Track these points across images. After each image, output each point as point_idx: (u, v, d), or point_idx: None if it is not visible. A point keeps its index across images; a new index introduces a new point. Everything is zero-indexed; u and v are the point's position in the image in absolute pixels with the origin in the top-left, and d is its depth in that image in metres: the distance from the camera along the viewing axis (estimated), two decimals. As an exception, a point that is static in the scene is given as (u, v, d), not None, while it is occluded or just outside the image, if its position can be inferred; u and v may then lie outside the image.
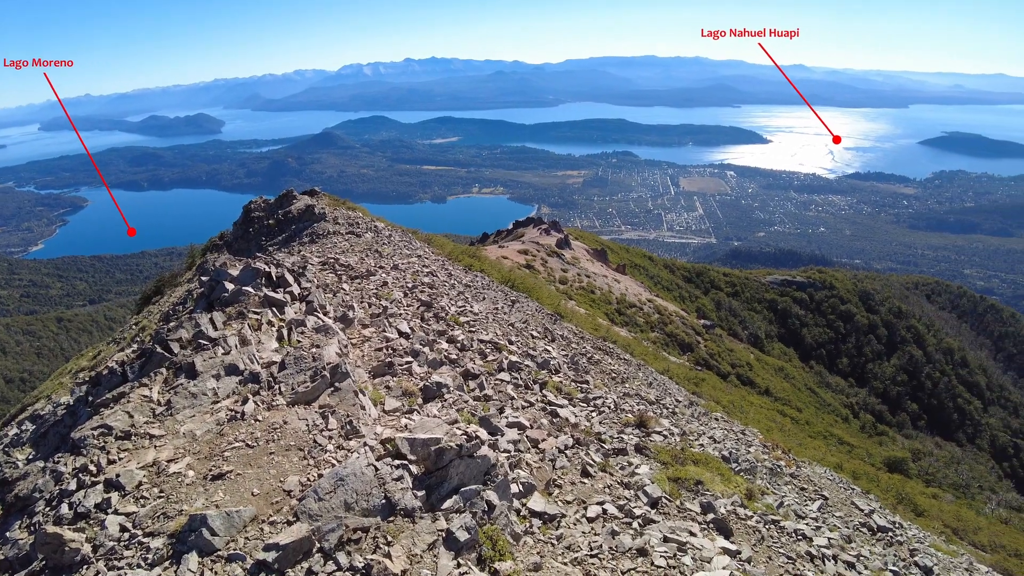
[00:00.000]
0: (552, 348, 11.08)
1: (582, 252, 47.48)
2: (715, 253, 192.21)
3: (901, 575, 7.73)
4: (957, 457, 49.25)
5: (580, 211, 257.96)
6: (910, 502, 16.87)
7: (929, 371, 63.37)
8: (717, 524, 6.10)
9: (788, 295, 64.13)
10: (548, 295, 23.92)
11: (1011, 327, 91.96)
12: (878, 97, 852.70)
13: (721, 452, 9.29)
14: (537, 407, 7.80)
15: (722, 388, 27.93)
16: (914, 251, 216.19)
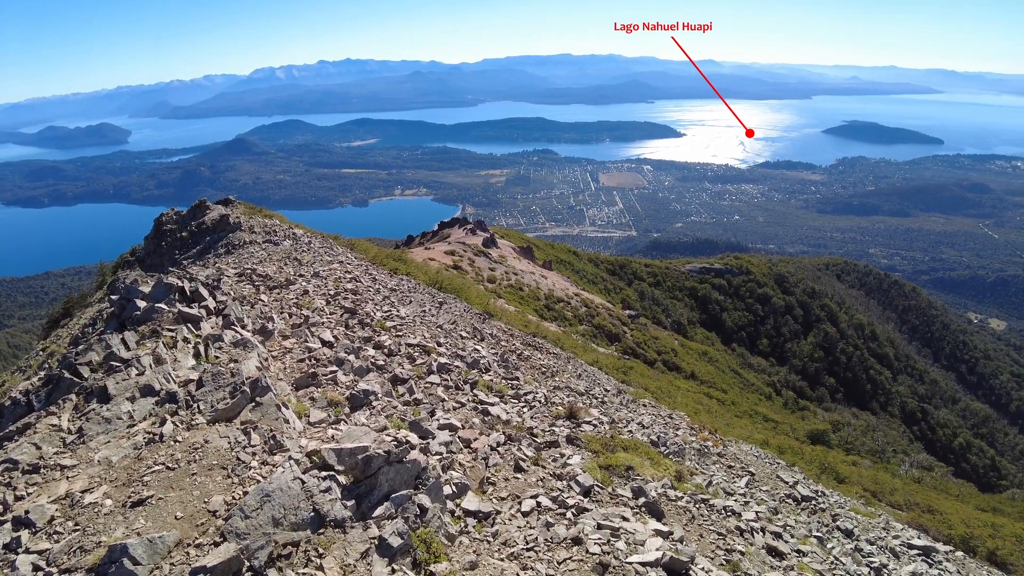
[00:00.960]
0: (482, 347, 11.12)
1: (509, 250, 47.73)
2: (636, 245, 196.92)
3: (825, 540, 8.16)
4: (872, 425, 52.31)
5: (504, 210, 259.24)
6: (832, 471, 17.75)
7: (843, 346, 66.94)
8: (649, 507, 6.28)
9: (707, 282, 66.40)
10: (477, 295, 23.93)
11: (913, 301, 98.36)
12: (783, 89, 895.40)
13: (650, 437, 9.55)
14: (469, 407, 7.82)
15: (650, 375, 28.65)
16: (823, 234, 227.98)
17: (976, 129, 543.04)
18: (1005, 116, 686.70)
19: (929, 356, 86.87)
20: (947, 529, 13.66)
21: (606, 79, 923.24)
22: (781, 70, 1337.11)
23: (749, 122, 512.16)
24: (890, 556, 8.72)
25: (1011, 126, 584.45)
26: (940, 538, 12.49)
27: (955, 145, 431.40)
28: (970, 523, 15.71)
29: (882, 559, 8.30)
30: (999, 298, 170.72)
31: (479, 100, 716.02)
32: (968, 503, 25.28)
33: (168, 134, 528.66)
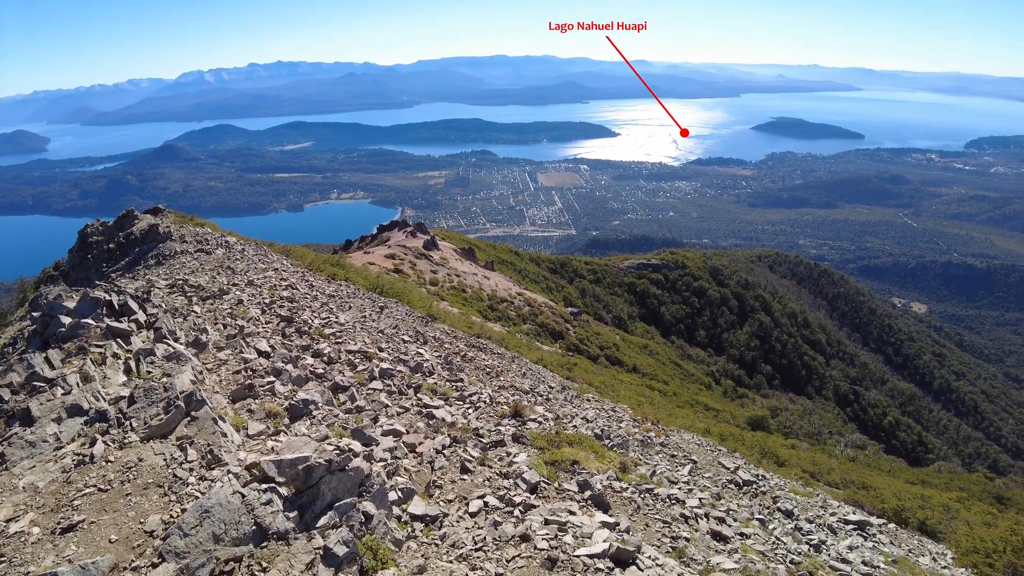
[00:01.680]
0: (425, 351, 11.07)
1: (450, 252, 47.57)
2: (576, 244, 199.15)
3: (767, 521, 8.43)
4: (808, 409, 54.31)
5: (445, 211, 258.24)
6: (772, 455, 18.26)
7: (777, 335, 69.26)
8: (595, 500, 6.39)
9: (645, 277, 67.71)
10: (419, 298, 23.76)
11: (842, 288, 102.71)
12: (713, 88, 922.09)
13: (594, 431, 9.70)
14: (413, 412, 7.77)
15: (593, 370, 29.04)
16: (755, 227, 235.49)
17: (894, 124, 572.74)
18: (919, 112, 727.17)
19: (858, 340, 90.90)
20: (880, 503, 14.27)
21: (541, 80, 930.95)
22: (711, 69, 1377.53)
23: (682, 121, 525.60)
24: (828, 533, 9.08)
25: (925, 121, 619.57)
26: (874, 512, 13.05)
27: (875, 139, 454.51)
28: (901, 496, 16.46)
29: (821, 536, 8.63)
30: (919, 283, 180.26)
31: (415, 101, 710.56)
32: (899, 478, 26.54)
33: (91, 141, 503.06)
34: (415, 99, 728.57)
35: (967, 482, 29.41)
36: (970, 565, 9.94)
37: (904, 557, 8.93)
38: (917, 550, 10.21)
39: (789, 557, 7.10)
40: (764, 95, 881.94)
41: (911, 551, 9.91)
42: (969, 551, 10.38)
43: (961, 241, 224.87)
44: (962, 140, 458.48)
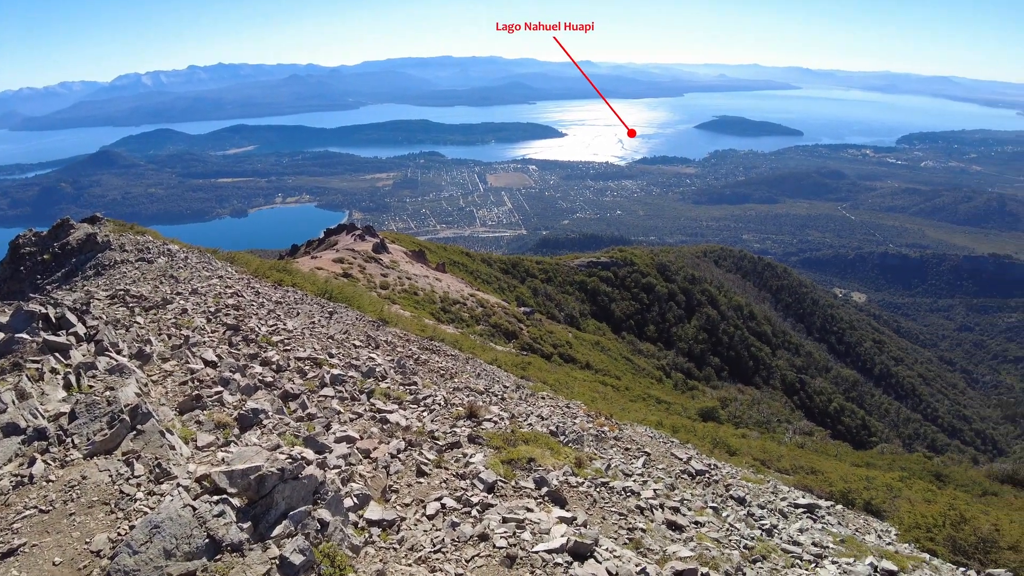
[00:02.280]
0: (377, 355, 10.97)
1: (400, 255, 47.18)
2: (527, 244, 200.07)
3: (720, 509, 8.62)
4: (757, 399, 55.71)
5: (394, 213, 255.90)
6: (724, 444, 18.66)
7: (724, 327, 70.88)
8: (552, 496, 6.46)
9: (595, 275, 68.48)
10: (370, 302, 23.50)
11: (785, 280, 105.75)
12: (657, 88, 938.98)
13: (549, 428, 9.78)
14: (366, 417, 7.70)
15: (547, 368, 29.22)
16: (700, 223, 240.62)
17: (831, 121, 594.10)
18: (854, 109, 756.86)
19: (803, 330, 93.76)
20: (828, 487, 14.71)
21: (488, 81, 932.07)
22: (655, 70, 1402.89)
23: (627, 120, 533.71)
24: (779, 517, 9.34)
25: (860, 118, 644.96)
26: (823, 495, 13.47)
27: (813, 136, 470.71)
28: (847, 479, 17.01)
29: (772, 520, 8.86)
30: (859, 273, 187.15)
31: (361, 103, 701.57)
32: (845, 461, 27.45)
33: (20, 147, 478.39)
34: (361, 100, 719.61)
35: (908, 462, 30.65)
36: (912, 540, 10.36)
37: (851, 536, 9.26)
38: (863, 529, 10.57)
39: (743, 542, 7.28)
40: (706, 94, 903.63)
41: (858, 530, 10.26)
42: (911, 527, 10.82)
43: (896, 232, 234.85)
44: (894, 136, 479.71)
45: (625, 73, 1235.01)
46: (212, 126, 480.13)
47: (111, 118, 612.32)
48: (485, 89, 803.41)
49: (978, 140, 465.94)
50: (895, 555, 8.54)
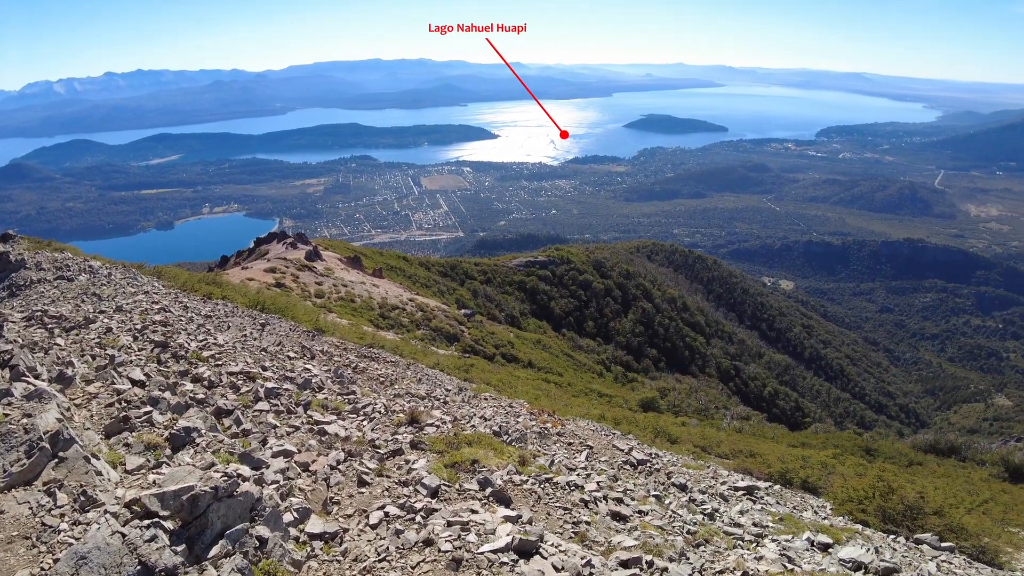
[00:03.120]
0: (313, 366, 10.74)
1: (335, 262, 46.34)
2: (464, 245, 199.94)
3: (662, 497, 8.76)
4: (695, 387, 57.13)
5: (326, 220, 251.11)
6: (665, 433, 18.94)
7: (660, 319, 72.48)
8: (496, 496, 6.46)
9: (534, 274, 68.98)
10: (305, 311, 22.99)
11: (716, 272, 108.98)
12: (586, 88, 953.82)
13: (492, 428, 9.79)
14: (304, 429, 7.53)
15: (490, 369, 29.21)
16: (632, 220, 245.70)
17: (754, 117, 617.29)
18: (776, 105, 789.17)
19: (735, 319, 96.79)
20: (767, 468, 15.10)
21: (418, 83, 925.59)
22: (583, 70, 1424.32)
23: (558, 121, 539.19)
24: (720, 501, 9.56)
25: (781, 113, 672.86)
26: (761, 477, 13.85)
27: (738, 132, 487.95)
28: (785, 459, 17.51)
29: (713, 504, 9.06)
30: (785, 262, 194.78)
31: (288, 108, 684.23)
32: (782, 442, 28.40)
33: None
34: (288, 105, 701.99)
35: (840, 439, 31.97)
36: (846, 513, 10.76)
37: (789, 514, 9.54)
38: (800, 506, 10.91)
39: (685, 528, 7.39)
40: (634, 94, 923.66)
41: (795, 508, 10.58)
42: (844, 501, 11.23)
43: (819, 221, 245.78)
44: (813, 130, 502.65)
45: (554, 74, 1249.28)
46: (133, 135, 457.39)
47: (21, 129, 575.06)
48: (416, 91, 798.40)
49: (889, 132, 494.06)
50: (830, 528, 8.83)
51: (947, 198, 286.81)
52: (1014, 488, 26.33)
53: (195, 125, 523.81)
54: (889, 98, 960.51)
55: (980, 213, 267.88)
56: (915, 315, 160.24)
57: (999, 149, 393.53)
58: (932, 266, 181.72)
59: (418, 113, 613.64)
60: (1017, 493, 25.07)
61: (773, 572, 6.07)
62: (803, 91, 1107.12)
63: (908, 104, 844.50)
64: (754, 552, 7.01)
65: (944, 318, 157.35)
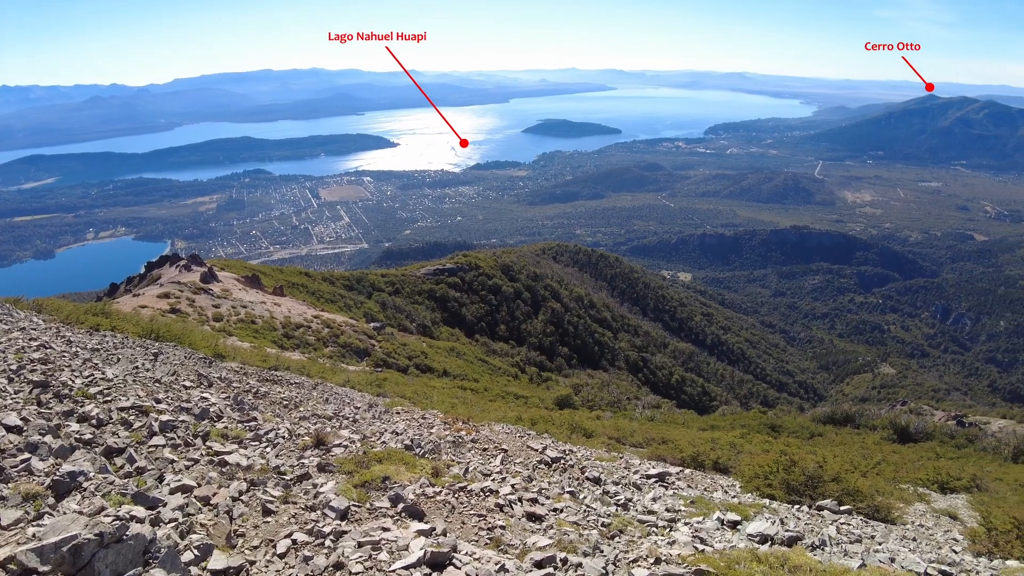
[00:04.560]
0: (211, 394, 10.25)
1: (233, 282, 44.47)
2: (370, 257, 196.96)
3: (577, 492, 8.89)
4: (606, 381, 58.66)
5: (221, 239, 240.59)
6: (580, 429, 19.22)
7: (569, 318, 73.98)
8: (409, 511, 6.39)
9: (443, 282, 68.76)
10: (203, 337, 21.93)
11: (618, 269, 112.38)
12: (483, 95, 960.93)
13: (404, 442, 9.67)
14: (203, 462, 7.18)
15: (404, 382, 28.83)
16: (536, 223, 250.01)
17: (645, 118, 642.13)
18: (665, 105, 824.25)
19: (639, 312, 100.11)
20: (679, 453, 15.54)
21: (312, 93, 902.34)
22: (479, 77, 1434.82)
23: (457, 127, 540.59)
24: (633, 490, 9.80)
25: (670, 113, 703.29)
26: (674, 462, 14.26)
27: (631, 133, 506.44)
28: (695, 443, 18.12)
29: (627, 494, 9.27)
30: (682, 255, 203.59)
31: (175, 124, 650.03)
32: (692, 427, 29.53)
33: None
34: (175, 121, 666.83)
35: (746, 419, 33.62)
36: (754, 489, 11.23)
37: (700, 496, 9.87)
38: (711, 488, 11.28)
39: (600, 521, 7.49)
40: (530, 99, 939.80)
41: (706, 489, 10.96)
42: (752, 478, 11.70)
43: (711, 215, 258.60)
44: (701, 128, 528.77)
45: (450, 81, 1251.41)
46: (2, 158, 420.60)
47: None
48: (310, 102, 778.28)
49: (771, 127, 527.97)
50: (738, 506, 9.16)
51: (826, 187, 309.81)
52: (903, 448, 28.60)
53: (72, 145, 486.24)
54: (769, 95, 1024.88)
55: (856, 199, 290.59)
56: (805, 297, 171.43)
57: (868, 140, 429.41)
58: (817, 250, 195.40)
59: (313, 124, 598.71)
60: (905, 452, 27.23)
61: (685, 555, 6.24)
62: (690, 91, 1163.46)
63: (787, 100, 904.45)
64: (667, 537, 7.20)
65: (831, 297, 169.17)
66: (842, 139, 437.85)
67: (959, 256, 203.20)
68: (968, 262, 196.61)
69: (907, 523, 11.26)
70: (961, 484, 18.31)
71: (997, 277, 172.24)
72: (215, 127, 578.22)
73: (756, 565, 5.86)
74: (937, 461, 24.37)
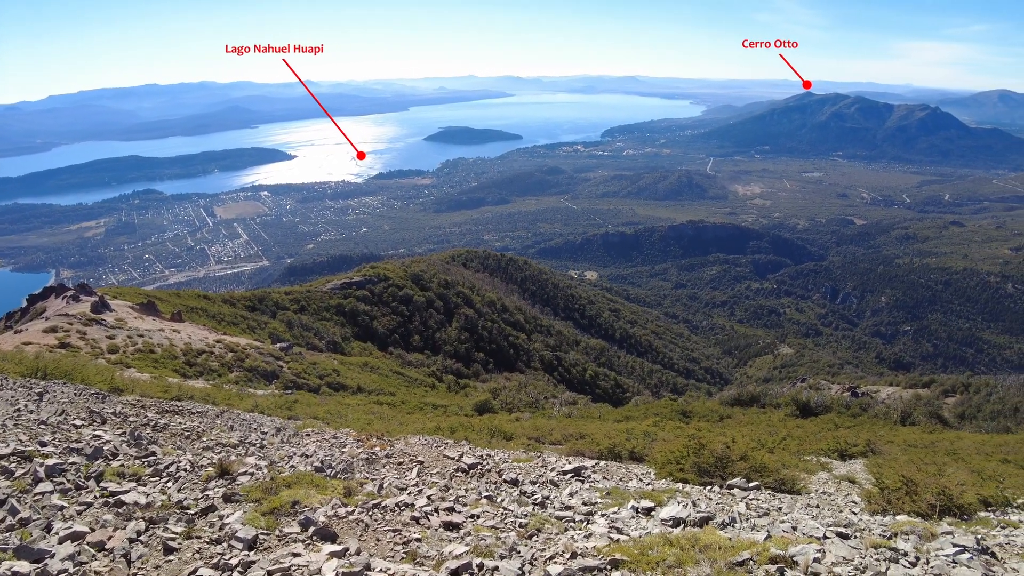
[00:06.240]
0: (105, 431, 9.65)
1: (127, 311, 41.94)
2: (272, 275, 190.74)
3: (494, 496, 8.93)
4: (523, 382, 59.24)
5: (112, 265, 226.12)
6: (500, 432, 19.21)
7: (483, 323, 74.28)
8: (320, 534, 6.27)
9: (351, 296, 67.39)
10: (97, 371, 20.51)
11: (527, 271, 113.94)
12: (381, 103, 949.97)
13: (314, 464, 9.45)
14: (98, 504, 6.78)
15: (317, 402, 28.07)
16: (444, 230, 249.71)
17: (544, 123, 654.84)
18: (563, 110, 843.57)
19: (550, 313, 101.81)
20: (596, 446, 15.88)
21: (202, 108, 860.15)
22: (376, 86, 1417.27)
23: (356, 137, 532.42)
24: (551, 487, 9.91)
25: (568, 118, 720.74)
26: (592, 456, 14.54)
27: (532, 138, 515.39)
28: (611, 435, 18.52)
29: (544, 493, 9.37)
30: (587, 254, 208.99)
31: (53, 143, 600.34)
32: (608, 420, 30.21)
33: None
34: (52, 140, 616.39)
35: (659, 407, 34.76)
36: (668, 475, 11.57)
37: (616, 487, 10.08)
38: (626, 477, 11.50)
39: (518, 522, 7.51)
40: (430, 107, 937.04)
41: (621, 480, 11.18)
42: (664, 464, 12.04)
43: (612, 214, 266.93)
44: (598, 131, 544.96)
45: (347, 91, 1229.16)
46: None
47: None
48: (200, 116, 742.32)
49: (664, 128, 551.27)
50: (652, 493, 9.42)
51: (718, 182, 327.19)
52: (805, 422, 30.47)
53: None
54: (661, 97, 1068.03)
55: (746, 192, 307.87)
56: (705, 287, 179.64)
57: (754, 136, 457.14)
58: (713, 242, 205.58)
59: (205, 139, 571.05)
60: (808, 426, 29.01)
61: (600, 547, 6.38)
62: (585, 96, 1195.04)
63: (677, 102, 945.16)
64: (584, 531, 7.32)
65: (729, 286, 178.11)
66: (730, 136, 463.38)
67: (842, 240, 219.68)
68: (851, 245, 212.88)
69: (811, 492, 11.95)
70: (858, 450, 19.66)
71: (876, 257, 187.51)
72: (98, 146, 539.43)
73: (668, 549, 6.08)
74: (836, 431, 26.18)
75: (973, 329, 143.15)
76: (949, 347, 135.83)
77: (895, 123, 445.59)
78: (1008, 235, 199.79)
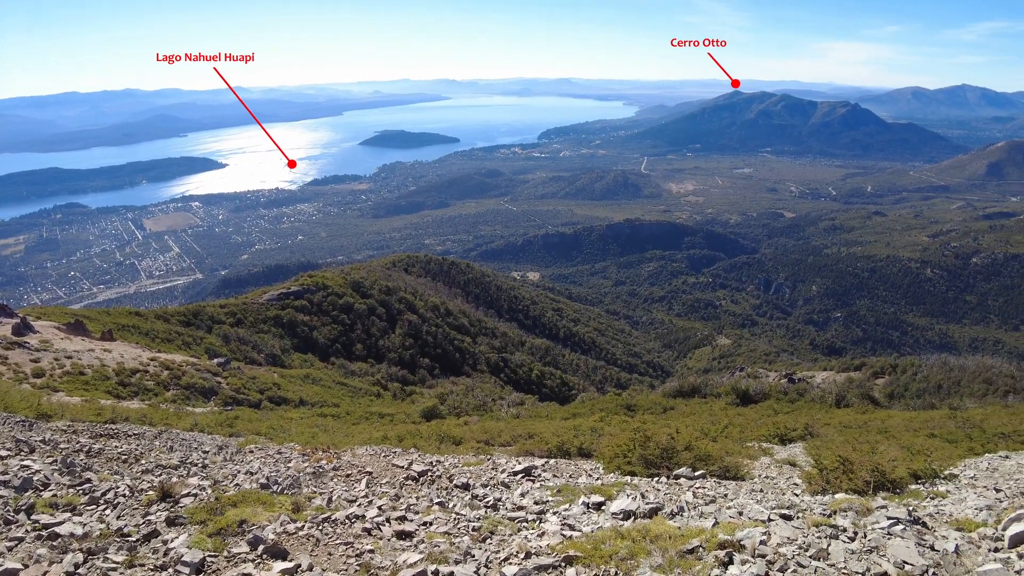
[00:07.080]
0: (34, 460, 9.19)
1: (53, 332, 39.96)
2: (206, 288, 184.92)
3: (446, 502, 8.91)
4: (470, 386, 58.97)
5: (34, 284, 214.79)
6: (449, 437, 19.09)
7: (427, 328, 73.80)
8: (270, 552, 6.17)
9: (289, 307, 65.78)
10: (21, 397, 19.46)
11: (470, 274, 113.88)
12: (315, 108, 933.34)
13: (260, 481, 9.26)
14: (30, 539, 6.46)
15: (258, 417, 27.36)
16: (383, 236, 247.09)
17: (481, 126, 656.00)
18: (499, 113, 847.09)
19: (494, 315, 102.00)
20: (545, 445, 15.94)
21: (127, 116, 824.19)
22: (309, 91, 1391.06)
23: (289, 143, 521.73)
24: (502, 489, 9.94)
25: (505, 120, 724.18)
26: (542, 454, 14.63)
27: (469, 141, 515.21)
28: (559, 433, 18.59)
29: (496, 495, 9.39)
30: (529, 255, 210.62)
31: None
32: (555, 418, 30.44)
33: None
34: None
35: (604, 403, 35.29)
36: (616, 469, 11.75)
37: (566, 484, 10.15)
38: (575, 474, 11.59)
39: (471, 526, 7.52)
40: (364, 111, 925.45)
41: (571, 476, 11.26)
42: (612, 458, 12.18)
43: (552, 215, 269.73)
44: (535, 133, 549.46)
45: (279, 96, 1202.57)
46: None
47: None
48: (125, 125, 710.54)
49: (599, 129, 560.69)
50: (602, 488, 9.51)
51: (653, 180, 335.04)
52: (746, 410, 31.44)
53: None
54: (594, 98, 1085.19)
55: (680, 190, 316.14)
56: (643, 283, 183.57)
57: (686, 135, 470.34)
58: (650, 239, 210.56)
59: (131, 149, 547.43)
60: (748, 413, 29.93)
61: (554, 544, 6.48)
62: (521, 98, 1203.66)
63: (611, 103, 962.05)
64: (537, 530, 7.39)
65: (667, 281, 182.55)
66: (663, 136, 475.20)
67: (773, 233, 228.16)
68: (782, 237, 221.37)
69: (755, 477, 12.32)
70: (797, 434, 20.41)
71: (806, 248, 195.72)
72: (14, 158, 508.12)
73: (620, 541, 6.22)
74: (775, 417, 27.11)
75: (898, 313, 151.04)
76: (877, 331, 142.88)
77: (819, 119, 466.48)
78: (925, 223, 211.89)
